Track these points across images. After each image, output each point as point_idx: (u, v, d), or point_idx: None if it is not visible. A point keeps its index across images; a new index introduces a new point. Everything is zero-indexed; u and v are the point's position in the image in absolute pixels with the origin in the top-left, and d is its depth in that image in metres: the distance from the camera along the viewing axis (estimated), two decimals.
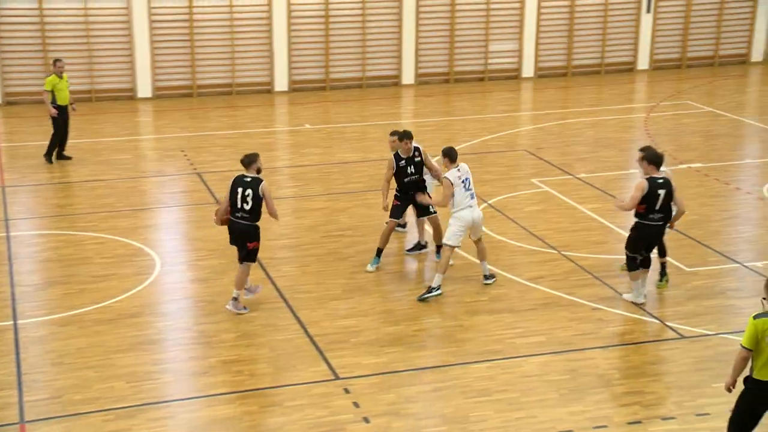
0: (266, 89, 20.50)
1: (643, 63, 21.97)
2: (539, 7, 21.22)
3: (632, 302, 10.29)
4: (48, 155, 15.39)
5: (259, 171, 10.25)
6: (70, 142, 15.72)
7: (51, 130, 15.34)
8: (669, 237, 12.04)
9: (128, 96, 19.79)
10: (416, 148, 11.26)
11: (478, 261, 11.35)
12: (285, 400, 8.65)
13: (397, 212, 11.32)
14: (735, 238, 12.04)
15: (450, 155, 10.60)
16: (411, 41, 20.83)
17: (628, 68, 21.98)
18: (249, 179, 10.16)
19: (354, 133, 17.30)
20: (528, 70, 21.53)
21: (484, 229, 11.42)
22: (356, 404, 8.57)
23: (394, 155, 11.28)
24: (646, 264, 10.28)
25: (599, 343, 9.55)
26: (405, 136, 11.21)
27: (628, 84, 21.13)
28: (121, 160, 15.67)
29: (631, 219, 10.39)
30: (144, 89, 19.87)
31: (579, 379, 8.91)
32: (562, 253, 11.65)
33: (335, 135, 17.22)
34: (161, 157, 16.03)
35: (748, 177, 14.55)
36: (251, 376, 9.06)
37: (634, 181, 14.46)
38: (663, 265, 10.78)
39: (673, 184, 9.97)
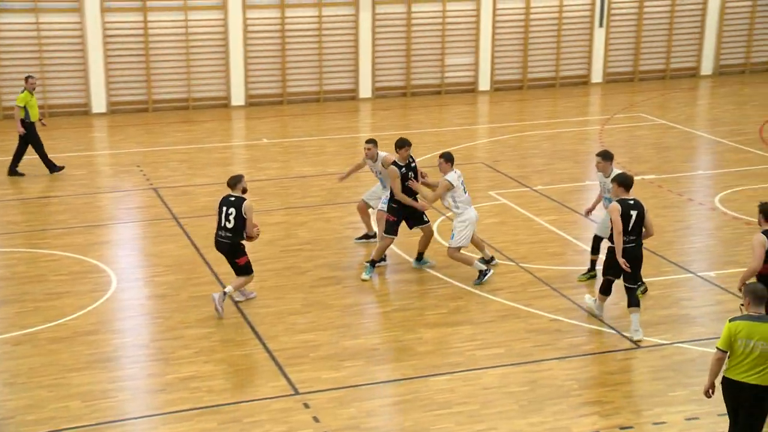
0: (223, 104, 20.41)
1: (596, 76, 22.28)
2: (494, 22, 21.43)
3: (589, 311, 10.38)
4: (51, 167, 15.38)
5: (244, 191, 10.48)
6: (24, 158, 15.50)
7: (15, 145, 15.28)
8: None
9: (82, 111, 19.56)
10: (411, 156, 11.67)
11: (438, 274, 11.40)
12: (244, 416, 8.58)
13: (394, 228, 11.41)
14: (688, 248, 12.23)
15: (449, 159, 11.21)
16: (368, 55, 20.90)
17: (583, 81, 22.27)
18: (233, 198, 10.42)
19: (312, 147, 17.28)
20: (484, 84, 21.71)
21: (443, 240, 11.47)
22: (316, 419, 8.53)
23: (393, 163, 11.45)
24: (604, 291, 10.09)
25: (557, 354, 9.62)
26: (403, 143, 11.49)
27: (582, 97, 21.40)
28: (75, 176, 15.47)
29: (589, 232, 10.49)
30: (98, 104, 19.67)
31: (538, 391, 8.96)
32: (520, 264, 11.74)
33: (293, 149, 17.18)
34: (116, 172, 15.85)
35: (701, 188, 14.79)
36: (209, 392, 8.97)
37: (591, 192, 14.68)
38: (593, 263, 11.09)
39: (644, 206, 9.89)
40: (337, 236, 12.86)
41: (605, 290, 10.21)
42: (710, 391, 7.38)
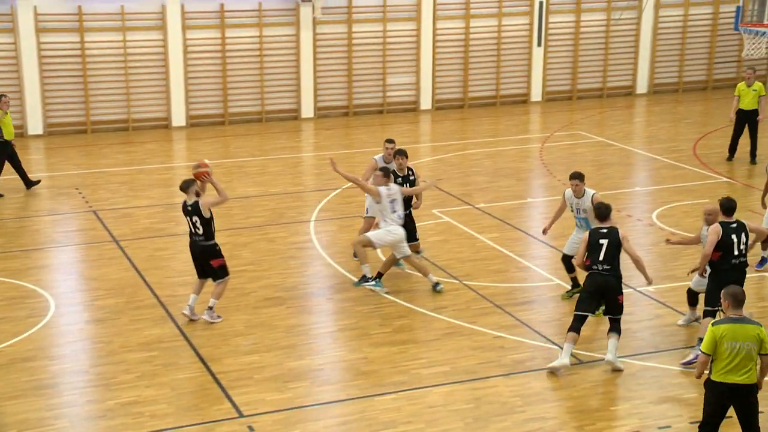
0: (163, 125, 20.21)
1: (536, 95, 22.61)
2: (435, 41, 21.63)
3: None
4: (29, 183, 15.34)
5: (198, 194, 10.47)
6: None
7: None
8: (558, 260, 12.35)
9: (18, 133, 19.19)
10: (409, 168, 11.92)
11: (385, 293, 11.42)
12: None
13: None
14: (628, 263, 12.40)
15: (387, 174, 11.45)
16: (309, 75, 20.91)
17: (522, 100, 22.58)
18: (191, 207, 10.44)
19: (254, 168, 17.20)
20: (426, 103, 21.88)
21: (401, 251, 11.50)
22: None
23: (392, 173, 11.68)
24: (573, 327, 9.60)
25: (502, 370, 9.69)
26: (400, 153, 11.85)
27: (523, 115, 21.69)
28: (12, 199, 15.15)
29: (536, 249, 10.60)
30: (35, 126, 19.33)
31: (483, 408, 9.01)
32: (464, 282, 11.81)
33: (235, 169, 17.08)
34: (54, 195, 15.57)
35: (639, 204, 15.08)
36: (152, 417, 8.83)
37: (533, 209, 14.88)
38: (575, 280, 11.20)
39: (622, 233, 9.76)
40: (282, 256, 12.81)
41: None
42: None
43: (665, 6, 22.96)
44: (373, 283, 11.53)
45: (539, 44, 22.30)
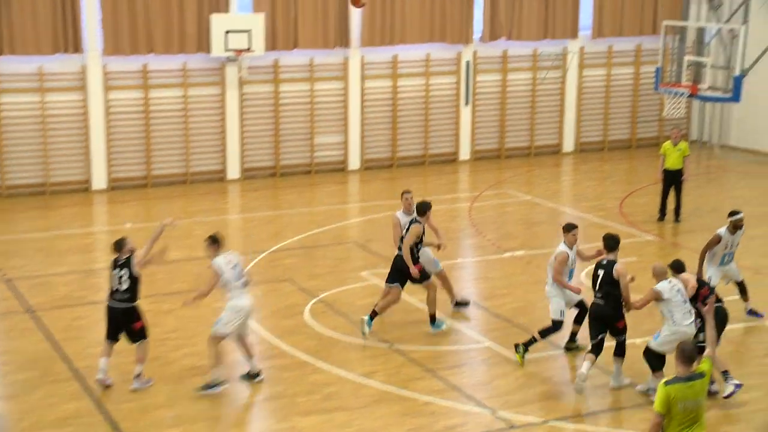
0: (83, 188, 19.87)
1: (464, 153, 22.94)
2: (363, 100, 21.85)
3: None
4: None
5: (132, 251, 10.39)
6: None
7: None
8: (494, 324, 12.40)
9: None
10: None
11: (309, 359, 11.28)
12: None
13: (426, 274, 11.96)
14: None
15: (215, 241, 10.57)
16: (235, 135, 20.87)
17: (451, 159, 22.88)
18: (122, 261, 10.35)
19: (178, 231, 16.95)
20: (354, 163, 22.00)
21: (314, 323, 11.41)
22: None
23: (398, 214, 12.25)
24: (594, 350, 10.42)
25: None
26: (406, 191, 12.53)
27: (451, 174, 21.95)
28: None
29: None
30: None
31: None
32: (394, 346, 11.76)
33: None
34: None
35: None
36: None
37: (464, 270, 14.96)
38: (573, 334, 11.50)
39: (619, 269, 10.35)
40: (207, 323, 12.57)
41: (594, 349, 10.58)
42: None
43: (589, 66, 23.66)
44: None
45: (467, 103, 22.71)
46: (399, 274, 12.02)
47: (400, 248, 12.12)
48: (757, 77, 20.69)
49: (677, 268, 10.46)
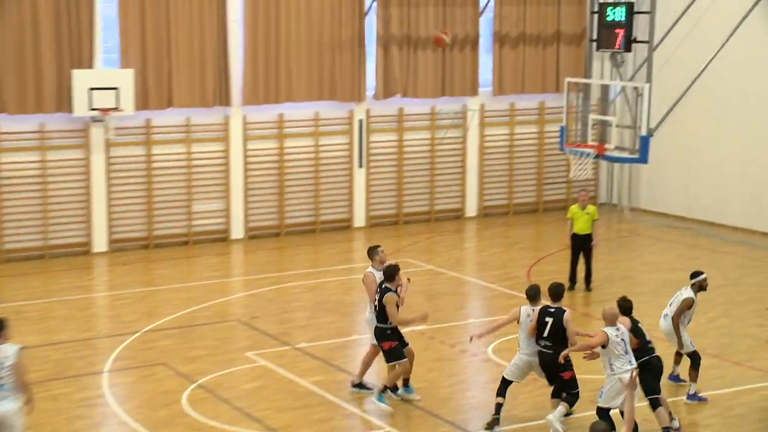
0: None
1: (359, 220, 23.09)
2: (246, 164, 21.81)
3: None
4: None
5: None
6: None
7: None
8: (395, 407, 12.36)
9: None
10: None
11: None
12: None
13: (400, 353, 12.30)
14: (465, 404, 12.63)
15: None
16: (102, 203, 20.48)
17: (345, 226, 22.98)
18: None
19: (36, 312, 16.44)
20: (237, 231, 21.83)
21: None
22: None
23: (388, 289, 12.33)
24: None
25: None
26: (376, 246, 13.08)
27: (345, 242, 22.02)
28: None
29: None
30: None
31: None
32: None
33: (12, 314, 16.21)
34: None
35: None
36: None
37: (360, 347, 14.94)
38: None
39: (567, 316, 11.52)
40: (67, 416, 12.14)
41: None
42: None
43: (490, 125, 24.31)
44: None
45: (360, 165, 22.95)
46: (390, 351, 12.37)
47: (379, 319, 12.44)
48: (665, 137, 21.65)
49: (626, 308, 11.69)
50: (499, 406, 11.73)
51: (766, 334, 15.36)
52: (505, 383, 11.90)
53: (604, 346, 10.96)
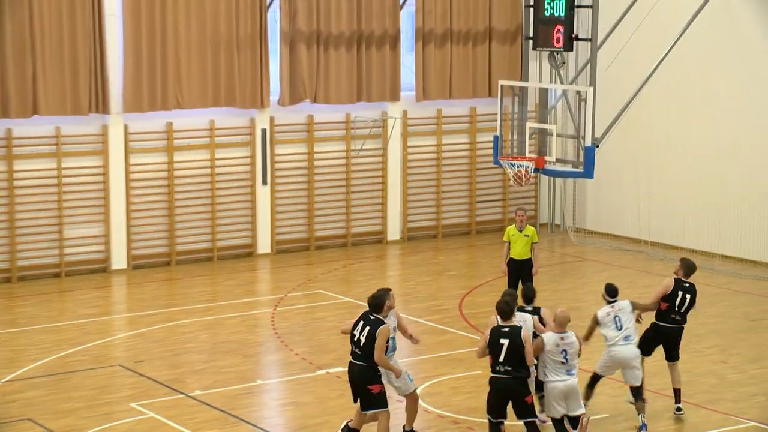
0: None
1: (263, 245, 22.90)
2: (128, 180, 21.48)
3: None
4: None
5: None
6: None
7: None
8: None
9: None
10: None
11: None
12: None
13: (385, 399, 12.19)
14: None
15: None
16: None
17: (247, 252, 22.78)
18: None
19: None
20: (119, 261, 21.47)
21: None
22: None
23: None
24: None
25: None
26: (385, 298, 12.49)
27: (248, 272, 21.81)
28: None
29: None
30: None
31: None
32: None
33: None
34: None
35: (398, 380, 15.35)
36: None
37: (265, 394, 14.75)
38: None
39: (524, 334, 11.77)
40: None
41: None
42: None
43: (414, 134, 24.41)
44: None
45: (264, 182, 22.79)
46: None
47: (355, 354, 12.34)
48: (613, 148, 21.94)
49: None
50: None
51: (728, 371, 15.62)
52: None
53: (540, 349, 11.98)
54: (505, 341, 11.67)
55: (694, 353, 16.25)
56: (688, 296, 13.62)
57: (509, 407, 11.90)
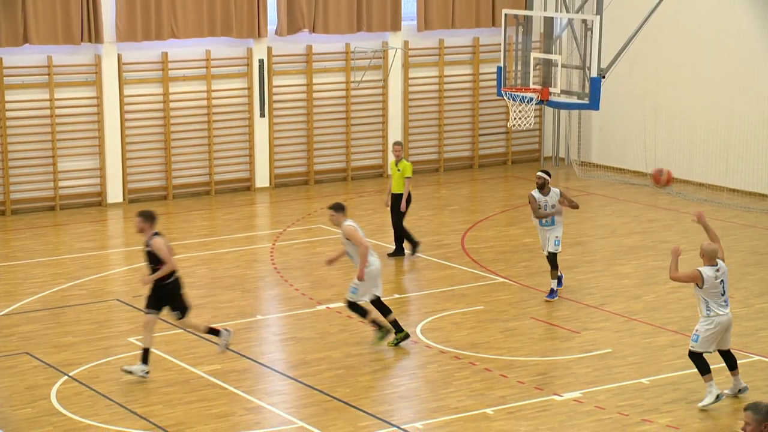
0: None
1: (262, 179, 23.00)
2: (122, 112, 21.56)
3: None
4: None
5: None
6: None
7: None
8: (308, 398, 12.46)
9: None
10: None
11: None
12: None
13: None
14: (389, 394, 12.74)
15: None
16: None
17: (245, 186, 22.87)
18: None
19: None
20: (115, 194, 21.59)
21: None
22: None
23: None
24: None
25: None
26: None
27: (246, 206, 21.94)
28: None
29: None
30: None
31: None
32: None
33: None
34: None
35: (399, 316, 15.45)
36: None
37: (266, 329, 14.93)
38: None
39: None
40: None
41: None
42: None
43: (416, 66, 24.37)
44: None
45: (262, 114, 22.82)
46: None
47: None
48: (619, 79, 21.99)
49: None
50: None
51: (734, 306, 15.80)
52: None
53: (699, 286, 11.84)
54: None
55: None
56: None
57: None
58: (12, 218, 20.60)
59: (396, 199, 17.83)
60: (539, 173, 15.63)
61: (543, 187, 15.47)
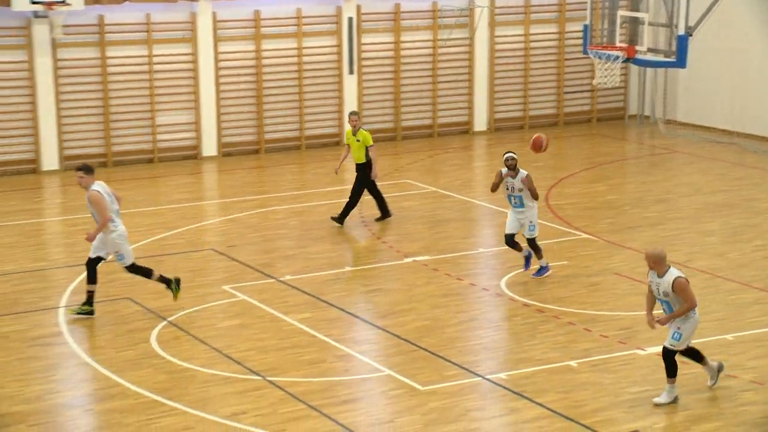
0: None
1: None
2: (217, 69, 21.74)
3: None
4: None
5: None
6: None
7: None
8: (394, 348, 12.57)
9: None
10: None
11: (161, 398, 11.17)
12: None
13: None
14: (474, 345, 12.80)
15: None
16: (50, 115, 20.56)
17: (334, 141, 23.00)
18: None
19: None
20: (210, 148, 21.86)
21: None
22: None
23: None
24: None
25: None
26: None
27: (335, 161, 21.95)
28: None
29: None
30: None
31: None
32: (268, 378, 11.77)
33: None
34: None
35: (484, 270, 15.58)
36: None
37: (354, 281, 15.07)
38: None
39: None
40: (18, 357, 12.29)
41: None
42: None
43: (502, 24, 24.17)
44: None
45: (351, 72, 22.86)
46: None
47: None
48: (706, 37, 21.56)
49: None
50: None
51: None
52: None
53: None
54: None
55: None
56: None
57: None
58: (114, 170, 20.99)
59: (360, 168, 17.28)
60: (509, 154, 14.93)
61: (513, 168, 14.83)
